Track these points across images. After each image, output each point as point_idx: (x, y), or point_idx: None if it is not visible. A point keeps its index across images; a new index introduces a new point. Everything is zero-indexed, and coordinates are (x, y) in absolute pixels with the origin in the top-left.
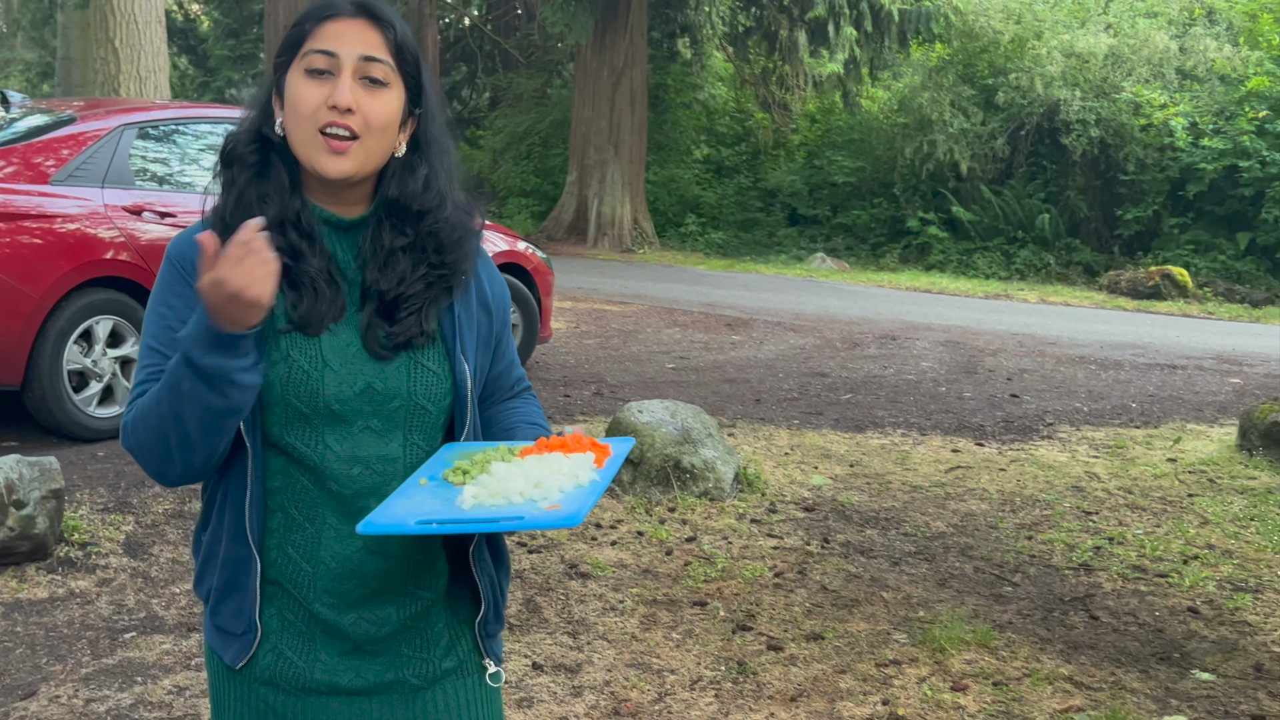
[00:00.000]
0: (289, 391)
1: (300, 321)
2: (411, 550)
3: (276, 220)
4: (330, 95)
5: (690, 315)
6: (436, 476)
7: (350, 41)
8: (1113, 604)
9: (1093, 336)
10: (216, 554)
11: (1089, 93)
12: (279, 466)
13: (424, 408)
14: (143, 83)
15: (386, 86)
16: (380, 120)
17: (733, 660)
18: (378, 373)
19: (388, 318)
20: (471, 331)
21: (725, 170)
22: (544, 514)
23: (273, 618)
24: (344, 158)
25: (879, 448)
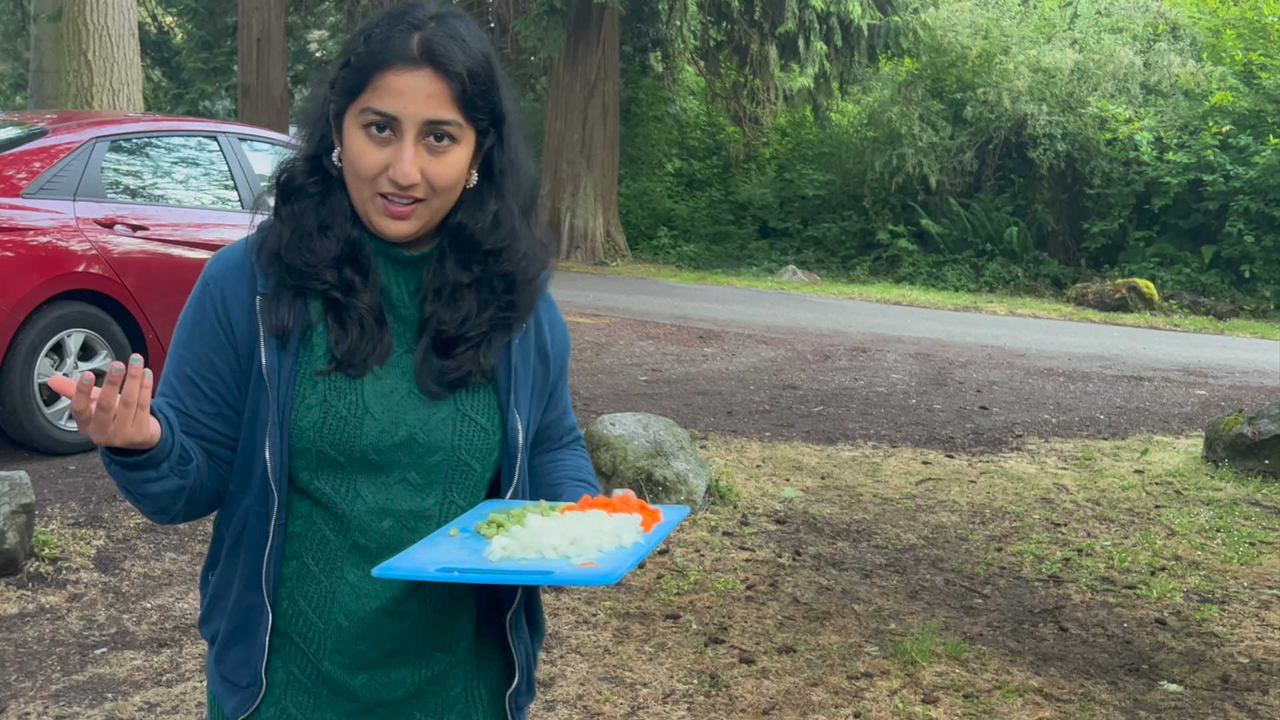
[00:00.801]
0: (322, 439)
1: (343, 361)
2: (432, 611)
3: (335, 256)
4: (391, 164)
5: (663, 328)
6: (469, 528)
7: (413, 102)
8: (1082, 616)
9: (1061, 348)
10: (226, 598)
11: (1055, 107)
12: (303, 511)
13: (468, 464)
14: (116, 95)
15: (455, 142)
16: (447, 182)
17: (705, 673)
18: (422, 423)
19: (444, 353)
20: (526, 382)
21: (697, 183)
22: (575, 570)
23: (278, 670)
24: (406, 222)
25: (850, 460)
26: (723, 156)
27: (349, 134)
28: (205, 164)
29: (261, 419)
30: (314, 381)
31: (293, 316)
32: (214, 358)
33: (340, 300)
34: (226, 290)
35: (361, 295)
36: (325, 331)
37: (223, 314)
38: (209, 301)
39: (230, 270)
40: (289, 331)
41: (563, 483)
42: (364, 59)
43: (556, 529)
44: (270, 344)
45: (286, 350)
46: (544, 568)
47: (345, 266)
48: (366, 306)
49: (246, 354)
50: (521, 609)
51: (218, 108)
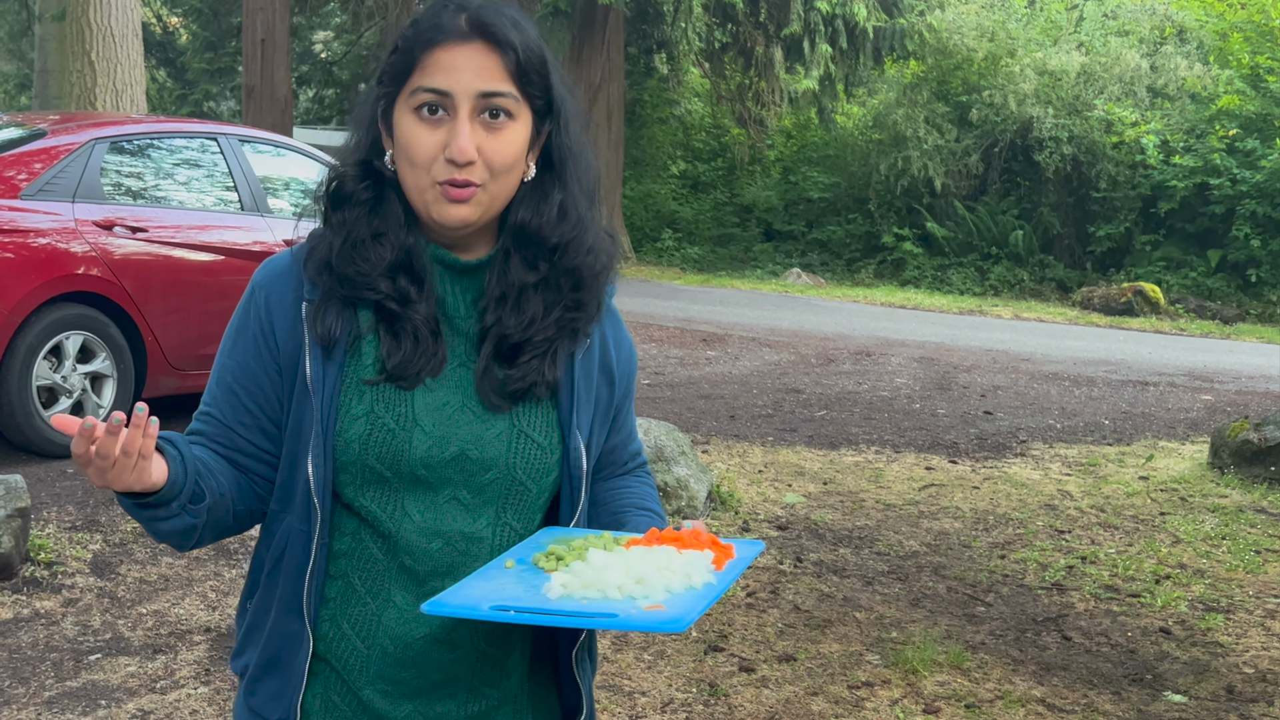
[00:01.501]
0: (368, 452)
1: (393, 373)
2: (483, 643)
3: (390, 265)
4: (447, 144)
5: (666, 330)
6: (526, 560)
7: (466, 75)
8: (1085, 624)
9: (1066, 353)
10: (262, 626)
11: (1061, 110)
12: (350, 528)
13: (523, 484)
14: (119, 95)
15: (511, 117)
16: (506, 161)
17: (704, 682)
18: (475, 439)
19: (508, 362)
20: (589, 400)
21: (701, 186)
22: (642, 614)
23: (315, 699)
24: (465, 205)
25: (853, 465)
26: (727, 159)
27: (400, 122)
28: (206, 166)
29: (305, 431)
30: (361, 391)
31: (340, 325)
32: (255, 367)
33: (395, 310)
34: (271, 297)
35: (417, 306)
36: (375, 341)
37: (266, 322)
38: (253, 309)
39: (277, 277)
40: (335, 340)
41: (626, 511)
42: (411, 40)
43: (621, 566)
44: (315, 352)
45: (332, 359)
46: (607, 609)
47: (400, 276)
48: (422, 317)
49: (290, 364)
50: (585, 647)
51: (222, 108)
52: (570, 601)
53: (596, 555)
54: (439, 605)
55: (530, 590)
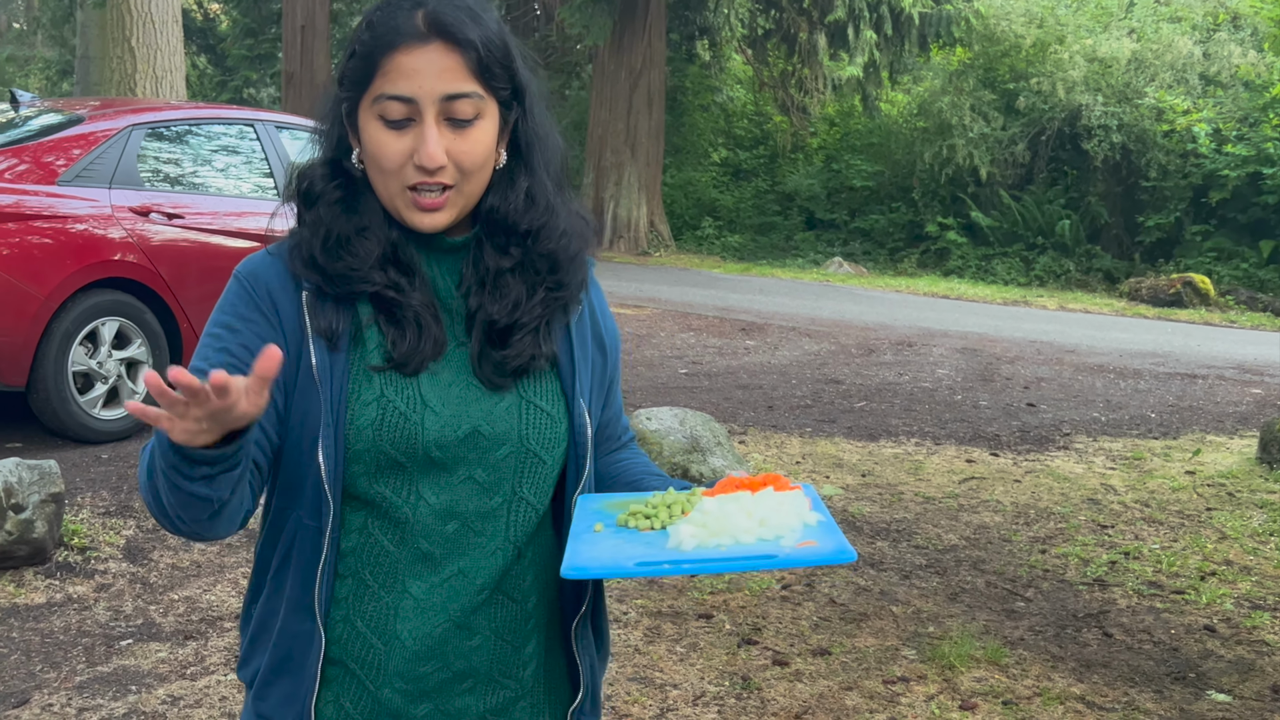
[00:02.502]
0: (382, 438)
1: (399, 360)
2: (502, 628)
3: (379, 257)
4: (415, 150)
5: (705, 319)
6: (610, 523)
7: (428, 78)
8: (1127, 621)
9: (1112, 345)
10: (271, 627)
11: (1111, 98)
12: (357, 524)
13: (537, 455)
14: (159, 82)
15: (477, 117)
16: (476, 161)
17: (737, 675)
18: (485, 415)
19: (501, 344)
20: (586, 369)
21: (743, 173)
22: (802, 551)
23: (328, 705)
24: (439, 213)
25: (892, 457)
26: (769, 146)
27: (366, 128)
28: (243, 152)
29: (311, 423)
30: (369, 377)
31: (340, 319)
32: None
33: (393, 299)
34: (271, 283)
35: (412, 295)
36: (377, 331)
37: (270, 306)
38: (254, 294)
39: (267, 267)
40: (337, 332)
41: (642, 479)
42: (369, 45)
43: (742, 511)
44: (319, 343)
45: (338, 350)
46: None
47: (390, 268)
48: (420, 303)
49: (294, 353)
50: (587, 618)
51: (262, 95)
52: (707, 550)
53: (711, 504)
54: (578, 569)
55: (655, 547)
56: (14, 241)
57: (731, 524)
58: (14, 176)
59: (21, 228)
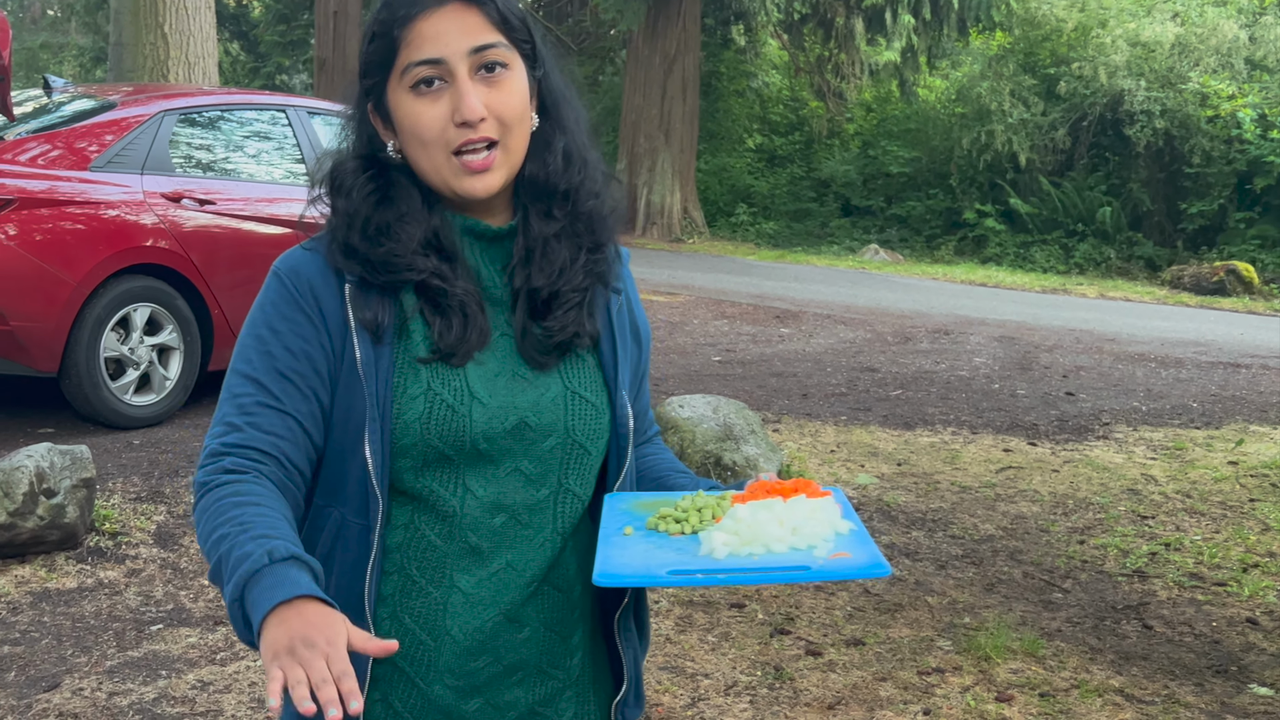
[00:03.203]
0: (430, 432)
1: (445, 351)
2: (551, 618)
3: (421, 242)
4: (454, 109)
5: (739, 307)
6: (640, 526)
7: (453, 37)
8: (1168, 613)
9: (1153, 333)
10: None
11: (1154, 83)
12: (402, 520)
13: (582, 446)
14: (191, 68)
15: (507, 68)
16: (515, 110)
17: (769, 665)
18: (531, 406)
19: (544, 317)
20: (626, 360)
21: (778, 159)
22: (836, 563)
23: (376, 705)
24: (489, 174)
25: (928, 446)
26: (805, 132)
27: (399, 106)
28: (274, 138)
29: (356, 418)
30: (416, 370)
31: (384, 311)
32: (312, 352)
33: (438, 288)
34: (313, 279)
35: (455, 284)
36: (422, 322)
37: (313, 304)
38: (298, 291)
39: (306, 262)
40: (382, 325)
41: (669, 475)
42: (387, 22)
43: (774, 519)
44: (363, 336)
45: (382, 342)
46: (798, 562)
47: (431, 255)
48: (465, 291)
49: (338, 349)
50: (630, 610)
51: (294, 81)
52: (739, 559)
53: (743, 510)
54: (610, 576)
55: (684, 554)
56: (47, 227)
57: (764, 532)
58: (47, 162)
59: (54, 213)
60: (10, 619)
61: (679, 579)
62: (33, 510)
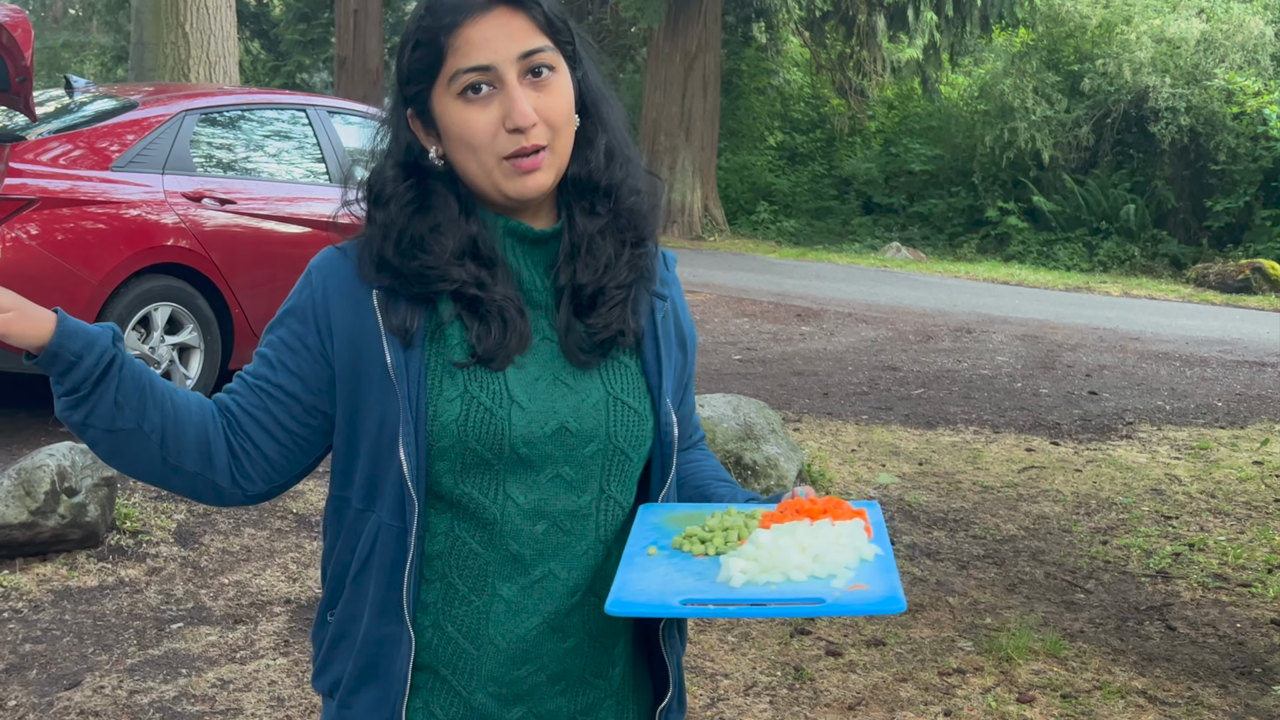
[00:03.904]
0: (467, 434)
1: (484, 356)
2: (595, 628)
3: (456, 252)
4: (505, 115)
5: (759, 305)
6: (665, 546)
7: (501, 42)
8: (1191, 614)
9: (1178, 332)
10: (352, 634)
11: (1179, 80)
12: (443, 527)
13: (624, 453)
14: (212, 67)
15: (554, 71)
16: (563, 113)
17: (789, 665)
18: (572, 411)
19: (588, 314)
20: (671, 367)
21: (799, 157)
22: (850, 596)
23: (417, 713)
24: (540, 173)
25: (950, 445)
26: (827, 130)
27: (446, 113)
28: (295, 137)
29: (390, 423)
30: (452, 374)
31: (413, 318)
32: (296, 343)
33: (475, 295)
34: (329, 280)
35: (494, 289)
36: (460, 326)
37: (321, 304)
38: (308, 291)
39: (336, 265)
40: (411, 329)
41: (708, 484)
42: (432, 29)
43: (796, 545)
44: (393, 341)
45: (413, 346)
46: (812, 594)
47: (469, 262)
48: (504, 297)
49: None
50: (674, 621)
51: (315, 80)
52: (756, 588)
53: (765, 536)
54: (621, 605)
55: (703, 579)
56: (68, 227)
57: (784, 559)
58: (69, 162)
59: (76, 213)
60: (32, 617)
61: (691, 609)
62: (54, 509)
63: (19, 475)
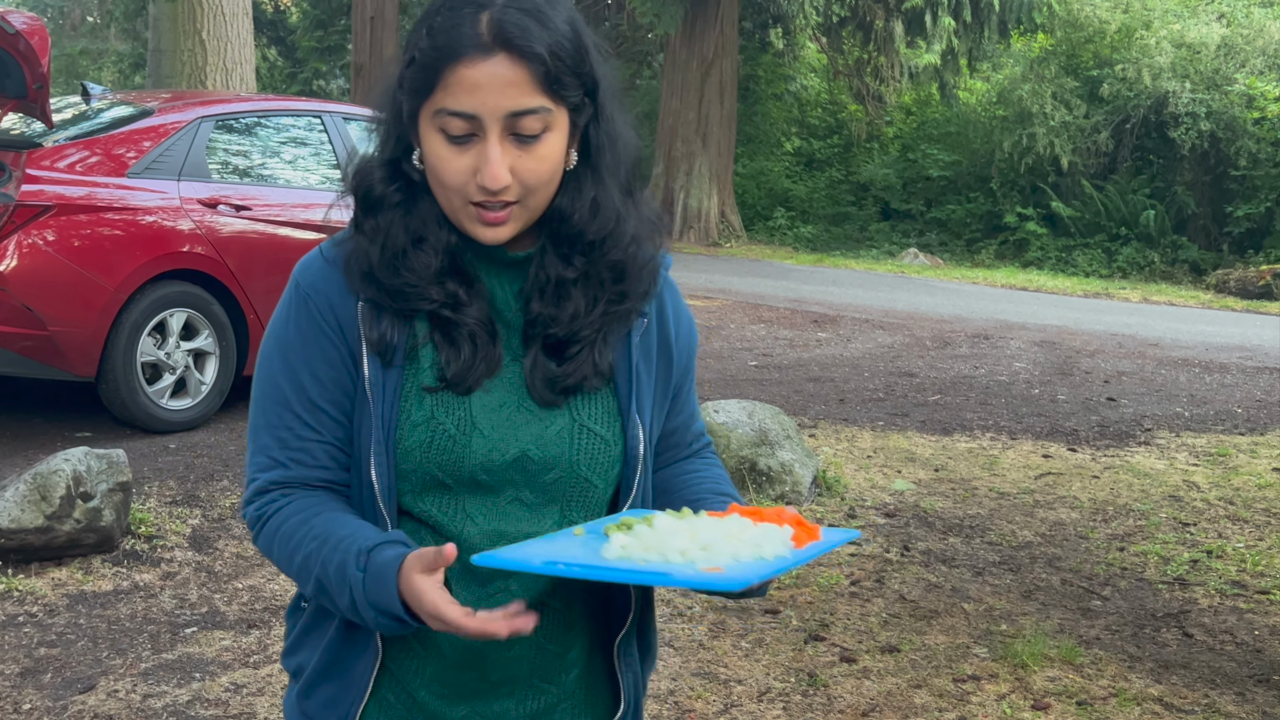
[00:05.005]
0: (429, 460)
1: (452, 380)
2: (543, 639)
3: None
4: (478, 169)
5: (776, 311)
6: (597, 530)
7: (491, 94)
8: (1209, 621)
9: (1197, 338)
10: (323, 628)
11: (1199, 85)
12: (407, 531)
13: (587, 480)
14: (229, 74)
15: (545, 130)
16: (542, 178)
17: (803, 671)
18: (535, 439)
19: (556, 356)
20: (649, 383)
21: (816, 163)
22: (696, 573)
23: (371, 711)
24: (503, 228)
25: (966, 451)
26: (844, 136)
27: (426, 140)
28: (311, 144)
29: (364, 437)
30: (421, 397)
31: (396, 333)
32: (341, 376)
33: (449, 318)
34: (332, 296)
35: (469, 309)
36: (433, 348)
37: (334, 326)
38: (317, 315)
39: (324, 278)
40: (392, 347)
41: (704, 498)
42: (429, 54)
43: (688, 531)
44: (372, 358)
45: (391, 365)
46: (660, 569)
47: (449, 280)
48: (476, 320)
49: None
50: (633, 633)
51: (331, 86)
52: (627, 562)
53: (663, 520)
54: (488, 558)
55: (589, 552)
56: (85, 233)
57: (666, 543)
58: (85, 168)
59: (92, 219)
60: (47, 621)
61: (549, 567)
62: (69, 513)
63: (34, 480)
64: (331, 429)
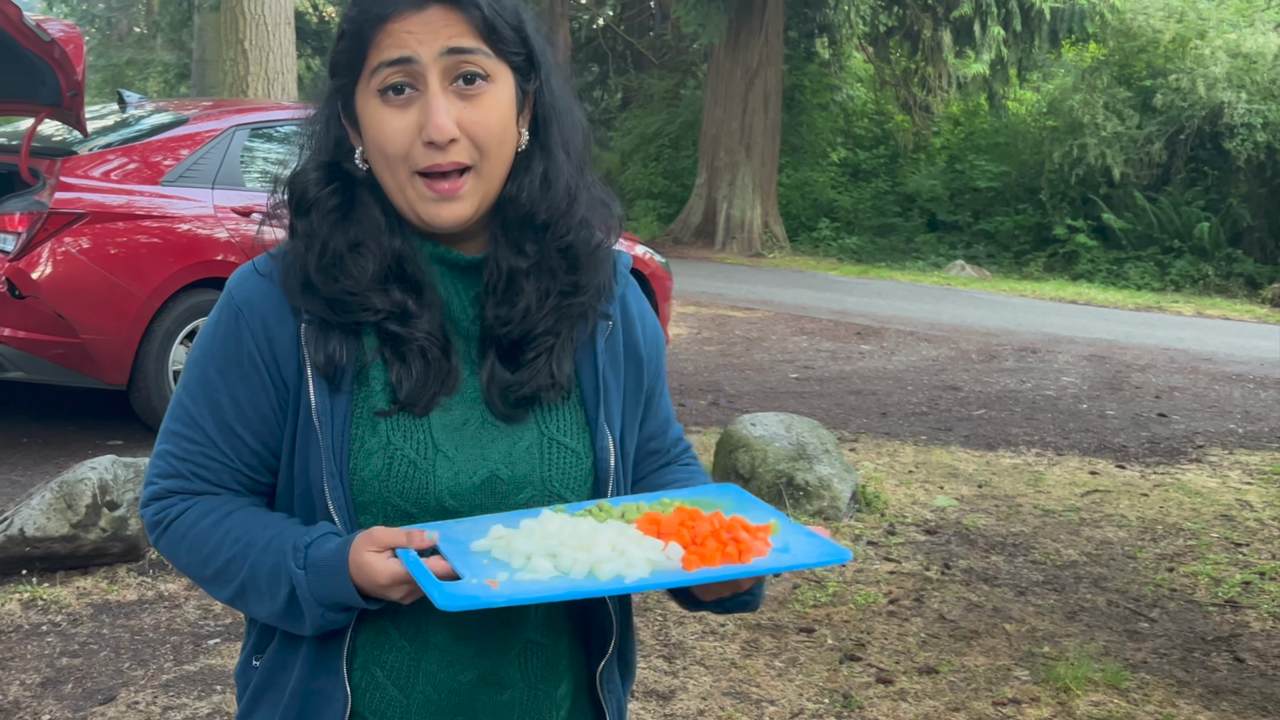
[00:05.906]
0: (389, 489)
1: (406, 400)
2: (535, 675)
3: (377, 275)
4: (422, 124)
5: (819, 323)
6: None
7: (427, 35)
8: (1261, 645)
9: (1252, 353)
10: (280, 684)
11: (1256, 95)
12: None
13: (561, 498)
14: (271, 84)
15: (488, 80)
16: (492, 131)
17: (838, 692)
18: (503, 457)
19: (510, 363)
20: (619, 391)
21: (862, 174)
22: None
23: None
24: (458, 201)
25: (1011, 468)
26: (890, 146)
27: (365, 112)
28: None
29: (315, 470)
30: (374, 423)
31: (343, 353)
32: (259, 401)
33: (397, 332)
34: (267, 318)
35: (419, 321)
36: (383, 367)
37: (267, 351)
38: (247, 334)
39: (261, 294)
40: (340, 369)
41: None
42: (358, 21)
43: (540, 533)
44: (319, 382)
45: (339, 390)
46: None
47: (393, 287)
48: (426, 334)
49: (294, 393)
50: (614, 661)
51: None
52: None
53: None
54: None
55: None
56: (118, 241)
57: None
58: (120, 176)
59: (126, 227)
60: (70, 631)
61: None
62: (95, 522)
63: (60, 488)
64: (243, 454)
